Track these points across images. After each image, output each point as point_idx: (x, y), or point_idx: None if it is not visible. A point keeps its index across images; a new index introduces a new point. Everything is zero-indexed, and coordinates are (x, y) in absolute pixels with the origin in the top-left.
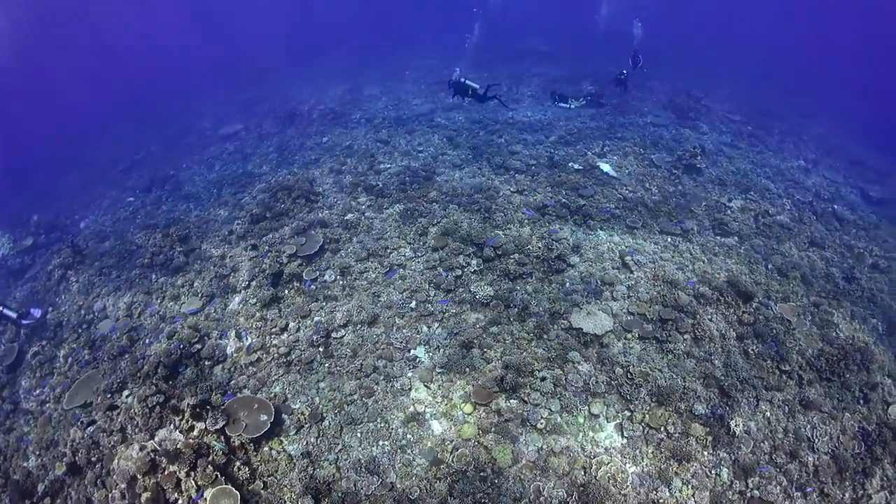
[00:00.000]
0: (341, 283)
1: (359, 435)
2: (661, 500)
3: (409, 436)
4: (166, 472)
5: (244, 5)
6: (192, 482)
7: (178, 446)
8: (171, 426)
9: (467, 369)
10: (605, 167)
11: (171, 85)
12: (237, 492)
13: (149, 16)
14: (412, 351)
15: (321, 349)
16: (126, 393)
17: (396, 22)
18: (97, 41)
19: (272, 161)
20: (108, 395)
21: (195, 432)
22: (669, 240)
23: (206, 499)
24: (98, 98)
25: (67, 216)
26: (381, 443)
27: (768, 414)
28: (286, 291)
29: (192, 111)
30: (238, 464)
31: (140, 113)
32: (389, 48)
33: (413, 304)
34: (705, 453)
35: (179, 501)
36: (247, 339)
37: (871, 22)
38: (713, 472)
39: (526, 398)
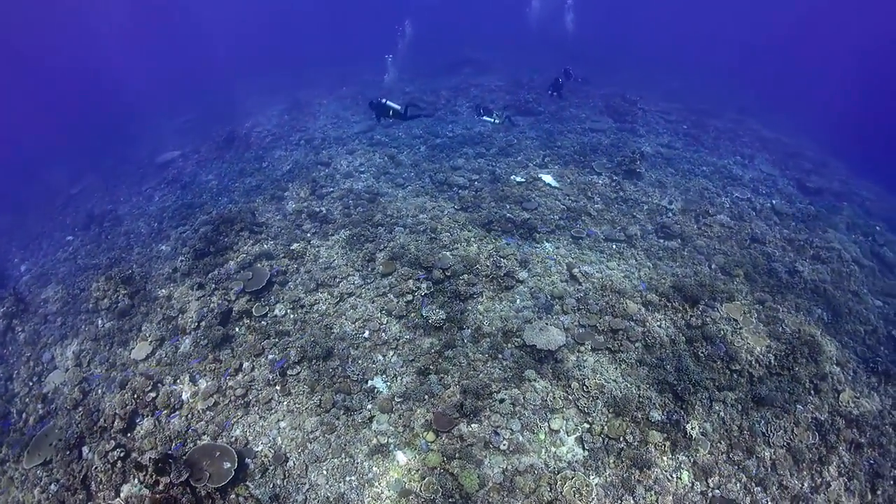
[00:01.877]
0: (292, 317)
1: (325, 472)
2: None
3: (374, 468)
4: None
5: (178, 27)
6: None
7: (146, 503)
8: (136, 481)
9: (426, 396)
10: (547, 178)
11: (105, 111)
12: None
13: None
14: (370, 382)
15: (278, 387)
16: (85, 449)
17: (331, 37)
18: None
19: (212, 190)
20: (67, 452)
21: (160, 486)
22: (615, 247)
23: None
24: (29, 129)
25: (7, 258)
26: (347, 478)
27: (722, 414)
28: (237, 329)
29: (127, 138)
30: None
31: (74, 142)
32: (325, 64)
33: (366, 334)
34: (665, 458)
35: None
36: (201, 382)
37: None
38: (674, 475)
39: (487, 421)
